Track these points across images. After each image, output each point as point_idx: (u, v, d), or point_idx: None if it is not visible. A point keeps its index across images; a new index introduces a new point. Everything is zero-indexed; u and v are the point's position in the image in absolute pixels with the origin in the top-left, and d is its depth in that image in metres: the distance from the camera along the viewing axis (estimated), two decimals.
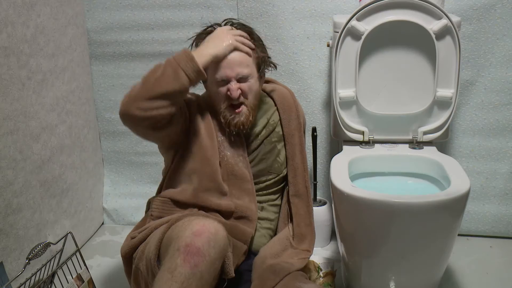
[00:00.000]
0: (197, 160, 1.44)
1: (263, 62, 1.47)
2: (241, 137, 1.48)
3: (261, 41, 1.49)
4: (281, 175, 1.55)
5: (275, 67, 1.54)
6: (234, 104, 1.42)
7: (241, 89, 1.41)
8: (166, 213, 1.44)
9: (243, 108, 1.43)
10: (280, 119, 1.55)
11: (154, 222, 1.41)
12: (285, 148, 1.55)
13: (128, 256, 1.40)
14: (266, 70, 1.51)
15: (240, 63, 1.40)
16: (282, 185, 1.58)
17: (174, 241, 1.17)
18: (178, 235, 1.17)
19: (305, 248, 1.50)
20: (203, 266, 1.12)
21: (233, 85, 1.40)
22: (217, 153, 1.45)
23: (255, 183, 1.50)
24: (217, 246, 1.16)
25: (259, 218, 1.49)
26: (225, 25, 1.47)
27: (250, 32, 1.46)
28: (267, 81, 1.62)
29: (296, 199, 1.54)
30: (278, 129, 1.55)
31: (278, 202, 1.57)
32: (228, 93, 1.40)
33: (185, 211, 1.42)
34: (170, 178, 1.51)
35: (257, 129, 1.51)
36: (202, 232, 1.15)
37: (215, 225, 1.18)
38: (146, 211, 1.55)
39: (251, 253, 1.46)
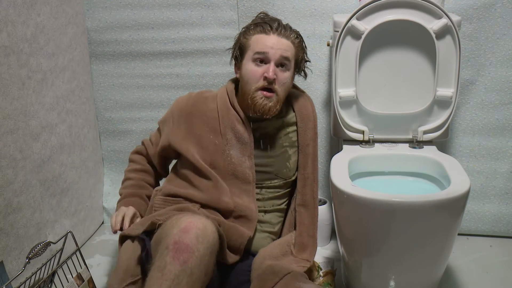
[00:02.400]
0: (196, 160, 1.45)
1: (301, 62, 1.51)
2: (250, 137, 1.47)
3: (304, 42, 1.52)
4: (288, 180, 1.54)
5: (306, 76, 1.57)
6: (266, 88, 1.43)
7: (277, 75, 1.42)
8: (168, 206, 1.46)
9: (274, 95, 1.43)
10: (297, 127, 1.55)
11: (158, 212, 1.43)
12: (298, 155, 1.54)
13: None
14: (298, 75, 1.54)
15: (285, 50, 1.43)
16: (288, 190, 1.56)
17: (163, 240, 1.17)
18: (167, 233, 1.17)
19: (305, 257, 1.49)
20: (192, 262, 1.13)
21: (272, 66, 1.41)
22: (219, 153, 1.45)
23: (260, 186, 1.49)
24: (205, 241, 1.16)
25: (261, 221, 1.49)
26: (259, 15, 1.53)
27: (295, 32, 1.50)
28: None
29: (302, 208, 1.53)
30: (292, 135, 1.54)
31: (283, 206, 1.56)
32: (265, 74, 1.41)
33: (185, 203, 1.42)
34: (171, 176, 1.55)
35: (269, 130, 1.51)
36: (190, 228, 1.15)
37: (203, 221, 1.19)
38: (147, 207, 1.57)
39: (250, 254, 1.46)
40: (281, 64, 1.43)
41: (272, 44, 1.42)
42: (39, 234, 1.69)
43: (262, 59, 1.42)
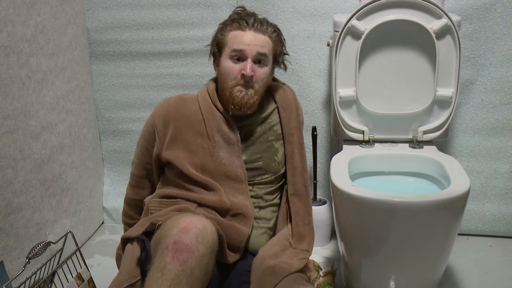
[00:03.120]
0: (187, 169, 1.44)
1: (279, 56, 1.50)
2: (237, 137, 1.47)
3: (282, 35, 1.51)
4: (278, 174, 1.54)
5: (285, 68, 1.56)
6: (243, 84, 1.43)
7: (254, 72, 1.42)
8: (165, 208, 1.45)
9: (250, 90, 1.43)
10: (280, 118, 1.55)
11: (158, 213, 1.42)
12: (284, 147, 1.54)
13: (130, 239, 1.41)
14: (278, 68, 1.53)
15: (261, 45, 1.43)
16: (280, 184, 1.57)
17: (162, 240, 1.17)
18: (166, 233, 1.17)
19: (304, 248, 1.49)
20: (192, 262, 1.13)
21: (249, 63, 1.41)
22: (208, 155, 1.44)
23: (252, 183, 1.49)
24: (205, 241, 1.16)
25: (257, 218, 1.49)
26: (237, 8, 1.51)
27: (272, 26, 1.48)
28: None
29: (295, 198, 1.53)
30: (277, 127, 1.54)
31: (276, 201, 1.56)
32: (243, 71, 1.41)
33: (183, 203, 1.42)
34: (163, 181, 1.53)
35: (254, 125, 1.51)
36: (190, 228, 1.15)
37: (202, 221, 1.19)
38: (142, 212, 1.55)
39: (249, 253, 1.46)
40: (258, 60, 1.43)
41: (249, 40, 1.42)
42: (39, 234, 1.69)
43: (239, 56, 1.42)
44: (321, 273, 1.65)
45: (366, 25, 1.64)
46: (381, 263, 1.45)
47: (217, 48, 1.49)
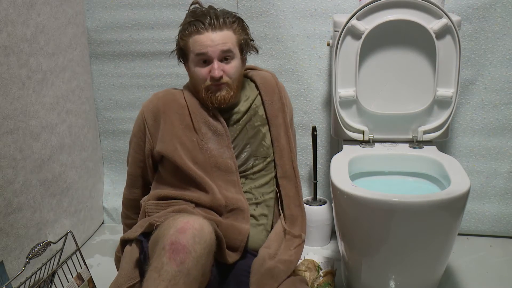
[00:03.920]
0: (184, 161, 1.44)
1: (246, 44, 1.49)
2: (224, 127, 1.47)
3: (243, 22, 1.49)
4: (268, 159, 1.53)
5: (257, 50, 1.55)
6: (215, 84, 1.43)
7: (223, 70, 1.42)
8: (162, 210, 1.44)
9: (224, 86, 1.43)
10: (262, 102, 1.54)
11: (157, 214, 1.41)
12: (269, 130, 1.54)
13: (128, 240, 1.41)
14: (248, 53, 1.53)
15: (223, 43, 1.41)
16: (272, 176, 1.56)
17: (160, 240, 1.17)
18: (164, 233, 1.17)
19: (297, 232, 1.50)
20: (189, 263, 1.13)
21: (216, 64, 1.41)
22: (197, 148, 1.44)
23: (244, 175, 1.49)
24: (202, 241, 1.16)
25: (255, 215, 1.48)
26: (190, 8, 1.49)
27: (231, 16, 1.46)
28: (250, 68, 1.63)
29: (284, 180, 1.53)
30: (261, 112, 1.54)
31: (272, 196, 1.56)
32: (211, 74, 1.41)
33: (180, 204, 1.42)
34: (157, 180, 1.53)
35: (239, 114, 1.51)
36: (187, 228, 1.15)
37: (200, 221, 1.19)
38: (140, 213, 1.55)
39: (248, 252, 1.45)
40: (224, 57, 1.42)
41: (210, 42, 1.40)
42: (39, 234, 1.69)
43: (205, 59, 1.42)
44: (321, 273, 1.65)
45: (366, 25, 1.64)
46: (381, 263, 1.45)
47: (182, 53, 1.49)
